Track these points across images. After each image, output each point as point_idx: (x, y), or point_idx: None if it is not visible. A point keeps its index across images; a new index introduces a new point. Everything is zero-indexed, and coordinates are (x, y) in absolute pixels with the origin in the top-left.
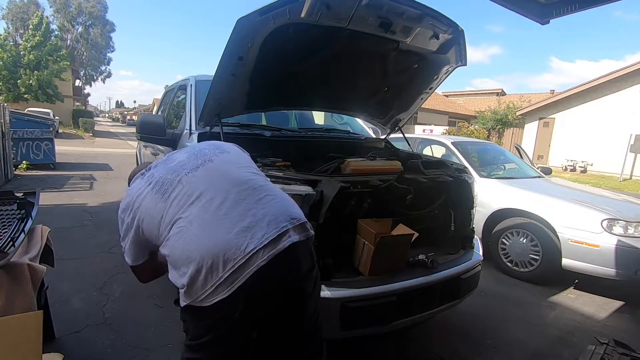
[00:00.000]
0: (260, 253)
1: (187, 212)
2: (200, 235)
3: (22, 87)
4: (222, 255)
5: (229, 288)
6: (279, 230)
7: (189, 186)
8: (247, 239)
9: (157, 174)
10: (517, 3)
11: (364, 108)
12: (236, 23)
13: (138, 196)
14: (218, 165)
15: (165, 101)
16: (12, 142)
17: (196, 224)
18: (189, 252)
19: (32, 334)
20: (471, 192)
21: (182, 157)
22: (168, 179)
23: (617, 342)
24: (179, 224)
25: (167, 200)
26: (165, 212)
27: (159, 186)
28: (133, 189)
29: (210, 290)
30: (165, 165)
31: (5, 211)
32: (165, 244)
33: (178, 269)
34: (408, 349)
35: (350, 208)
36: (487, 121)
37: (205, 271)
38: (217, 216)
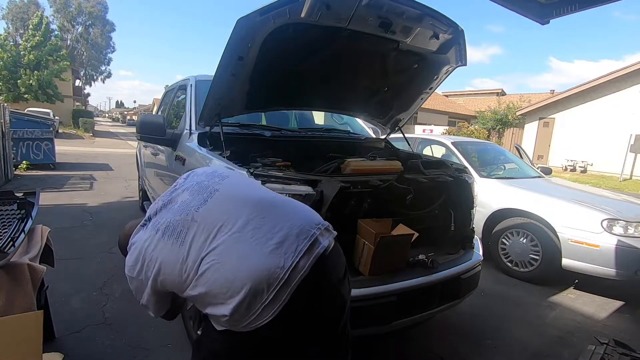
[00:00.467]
0: (299, 266)
1: (214, 245)
2: (235, 264)
3: (22, 87)
4: (264, 277)
5: (274, 309)
6: (309, 239)
7: (205, 222)
8: (282, 255)
9: (163, 220)
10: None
11: (364, 108)
12: (236, 23)
13: (147, 248)
14: (227, 192)
15: (165, 101)
16: (12, 142)
17: (227, 254)
18: (230, 283)
19: (32, 334)
20: (471, 192)
21: (184, 197)
22: (178, 221)
23: (617, 342)
24: (207, 260)
25: (185, 243)
26: (186, 254)
27: (171, 231)
28: (138, 242)
29: (255, 314)
30: (168, 209)
31: (5, 211)
32: (196, 283)
33: (212, 303)
34: (408, 349)
35: (350, 208)
36: (487, 121)
37: (249, 298)
38: (246, 240)
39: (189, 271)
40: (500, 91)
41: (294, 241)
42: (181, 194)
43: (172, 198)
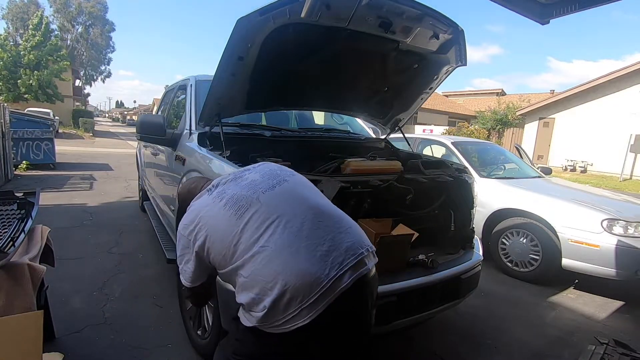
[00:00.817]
0: (343, 279)
1: (268, 233)
2: (286, 258)
3: (22, 87)
4: (308, 280)
5: (311, 314)
6: (357, 257)
7: (266, 206)
8: (328, 263)
9: (230, 191)
10: (517, 3)
11: (364, 108)
12: (236, 23)
13: (206, 212)
14: (293, 187)
15: (165, 101)
16: (12, 142)
17: (279, 246)
18: (274, 275)
19: (32, 334)
20: (471, 192)
21: (254, 176)
22: (243, 197)
23: (617, 342)
24: (261, 244)
25: (242, 218)
26: (240, 230)
27: (233, 203)
28: (199, 205)
29: (293, 314)
30: (237, 183)
31: (5, 211)
32: (244, 262)
33: (252, 291)
34: (408, 348)
35: (350, 208)
36: (487, 121)
37: (290, 295)
38: (299, 239)
39: (239, 246)
40: (500, 91)
41: (342, 254)
42: (252, 174)
43: (243, 175)
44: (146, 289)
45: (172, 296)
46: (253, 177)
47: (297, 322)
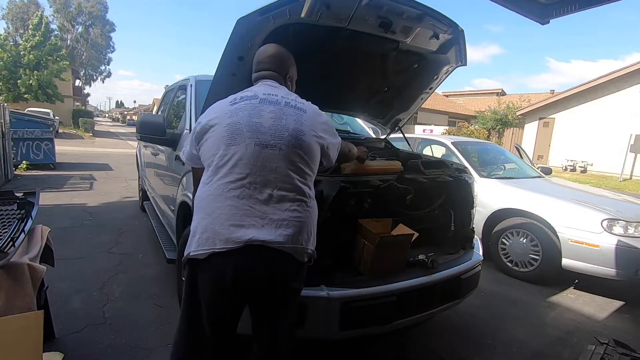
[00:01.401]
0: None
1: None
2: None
3: (22, 87)
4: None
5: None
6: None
7: (246, 159)
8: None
9: (238, 116)
10: (517, 3)
11: (364, 108)
12: (236, 23)
13: (216, 119)
14: (277, 160)
15: (165, 101)
16: (12, 142)
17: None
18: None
19: (32, 334)
20: (471, 192)
21: (263, 119)
22: (240, 134)
23: (617, 342)
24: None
25: (227, 149)
26: (217, 155)
27: (231, 130)
28: (219, 108)
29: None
30: (250, 112)
31: (5, 211)
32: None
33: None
34: (408, 348)
35: (350, 208)
36: (487, 121)
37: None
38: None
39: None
40: (500, 91)
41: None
42: (266, 113)
43: (260, 107)
44: (146, 289)
45: (172, 296)
46: (260, 120)
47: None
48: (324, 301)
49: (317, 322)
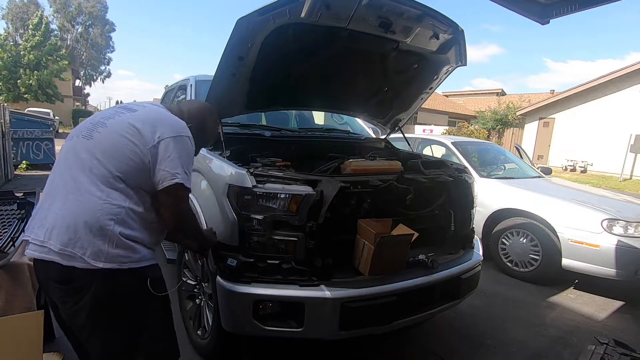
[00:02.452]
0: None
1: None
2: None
3: (22, 87)
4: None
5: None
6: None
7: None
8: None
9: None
10: (517, 3)
11: (364, 108)
12: (236, 23)
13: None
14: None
15: (166, 101)
16: (12, 142)
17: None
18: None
19: (32, 334)
20: (471, 192)
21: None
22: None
23: (617, 342)
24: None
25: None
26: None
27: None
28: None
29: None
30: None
31: (5, 211)
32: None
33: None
34: (408, 348)
35: (350, 208)
36: (487, 121)
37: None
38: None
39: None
40: (500, 91)
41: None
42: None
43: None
44: None
45: (172, 296)
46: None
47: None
48: (323, 301)
49: (317, 322)
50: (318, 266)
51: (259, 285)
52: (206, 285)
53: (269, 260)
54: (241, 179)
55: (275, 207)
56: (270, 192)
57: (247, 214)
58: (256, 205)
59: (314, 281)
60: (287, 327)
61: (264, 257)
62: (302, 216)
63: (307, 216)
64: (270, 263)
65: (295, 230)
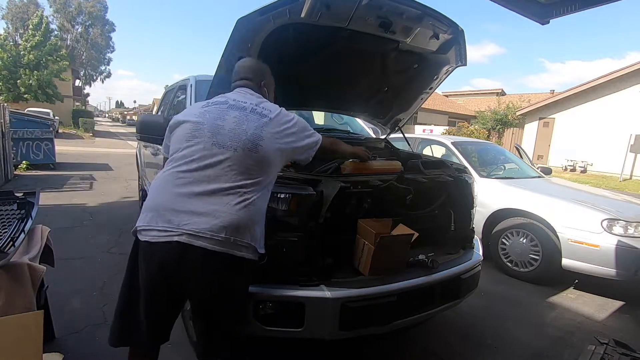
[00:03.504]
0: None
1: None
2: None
3: (22, 87)
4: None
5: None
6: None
7: (204, 148)
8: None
9: (203, 119)
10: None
11: (364, 108)
12: (236, 23)
13: (189, 119)
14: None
15: (165, 101)
16: (12, 142)
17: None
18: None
19: (32, 334)
20: (471, 192)
21: (222, 122)
22: (201, 131)
23: (617, 342)
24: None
25: (188, 142)
26: (179, 147)
27: (195, 128)
28: (192, 110)
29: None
30: (214, 119)
31: (5, 211)
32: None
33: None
34: (408, 349)
35: (350, 208)
36: (487, 121)
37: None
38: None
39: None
40: (500, 91)
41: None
42: (223, 118)
43: (223, 115)
44: None
45: None
46: (222, 123)
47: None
48: (323, 301)
49: (317, 322)
50: (318, 266)
51: (259, 285)
52: None
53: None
54: None
55: (275, 207)
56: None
57: None
58: None
59: (314, 281)
60: (287, 327)
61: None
62: (302, 216)
63: (307, 216)
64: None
65: (295, 230)
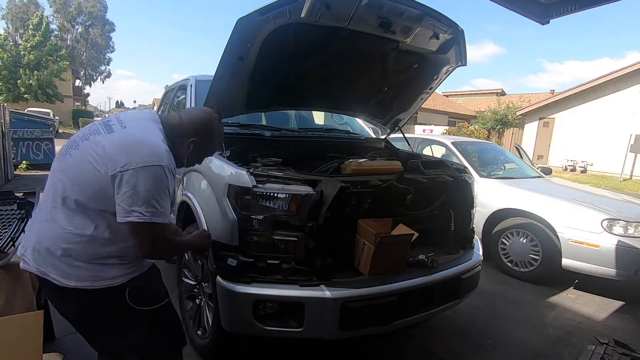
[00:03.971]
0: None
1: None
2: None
3: (22, 87)
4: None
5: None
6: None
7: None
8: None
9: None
10: (517, 3)
11: (364, 108)
12: (236, 23)
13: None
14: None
15: (165, 101)
16: (12, 142)
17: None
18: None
19: (32, 334)
20: (471, 192)
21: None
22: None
23: (617, 342)
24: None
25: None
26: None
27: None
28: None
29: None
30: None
31: (5, 211)
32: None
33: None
34: (408, 349)
35: (350, 208)
36: (487, 121)
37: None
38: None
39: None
40: (500, 91)
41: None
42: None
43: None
44: None
45: (172, 296)
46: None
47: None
48: (323, 301)
49: (317, 322)
50: (318, 266)
51: (259, 285)
52: (206, 285)
53: (269, 260)
54: (241, 178)
55: (275, 207)
56: (270, 192)
57: (247, 214)
58: (256, 205)
59: (314, 281)
60: (287, 327)
61: (264, 257)
62: (302, 216)
63: (307, 216)
64: (270, 263)
65: (295, 230)
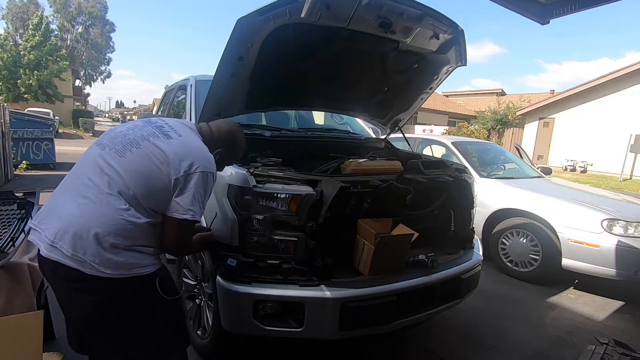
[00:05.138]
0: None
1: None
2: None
3: (22, 87)
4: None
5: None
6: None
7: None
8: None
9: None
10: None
11: (364, 108)
12: (236, 23)
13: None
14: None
15: (165, 101)
16: (12, 142)
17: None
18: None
19: (32, 333)
20: (471, 192)
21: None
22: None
23: (617, 342)
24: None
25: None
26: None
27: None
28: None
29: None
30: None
31: (5, 211)
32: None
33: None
34: (408, 349)
35: (350, 208)
36: (487, 121)
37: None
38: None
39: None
40: (500, 91)
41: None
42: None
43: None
44: None
45: None
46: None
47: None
48: (323, 301)
49: (317, 322)
50: (318, 266)
51: (259, 285)
52: (206, 285)
53: (269, 260)
54: (241, 178)
55: (275, 207)
56: (270, 192)
57: (247, 213)
58: (256, 205)
59: (314, 281)
60: (287, 327)
61: (264, 257)
62: (302, 216)
63: (307, 216)
64: (270, 263)
65: (295, 230)
